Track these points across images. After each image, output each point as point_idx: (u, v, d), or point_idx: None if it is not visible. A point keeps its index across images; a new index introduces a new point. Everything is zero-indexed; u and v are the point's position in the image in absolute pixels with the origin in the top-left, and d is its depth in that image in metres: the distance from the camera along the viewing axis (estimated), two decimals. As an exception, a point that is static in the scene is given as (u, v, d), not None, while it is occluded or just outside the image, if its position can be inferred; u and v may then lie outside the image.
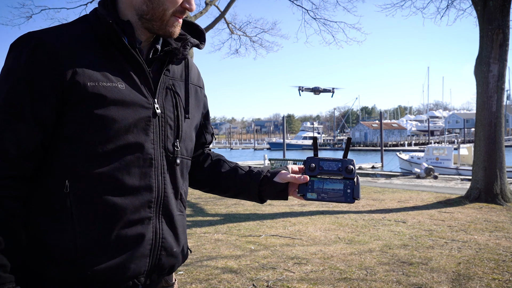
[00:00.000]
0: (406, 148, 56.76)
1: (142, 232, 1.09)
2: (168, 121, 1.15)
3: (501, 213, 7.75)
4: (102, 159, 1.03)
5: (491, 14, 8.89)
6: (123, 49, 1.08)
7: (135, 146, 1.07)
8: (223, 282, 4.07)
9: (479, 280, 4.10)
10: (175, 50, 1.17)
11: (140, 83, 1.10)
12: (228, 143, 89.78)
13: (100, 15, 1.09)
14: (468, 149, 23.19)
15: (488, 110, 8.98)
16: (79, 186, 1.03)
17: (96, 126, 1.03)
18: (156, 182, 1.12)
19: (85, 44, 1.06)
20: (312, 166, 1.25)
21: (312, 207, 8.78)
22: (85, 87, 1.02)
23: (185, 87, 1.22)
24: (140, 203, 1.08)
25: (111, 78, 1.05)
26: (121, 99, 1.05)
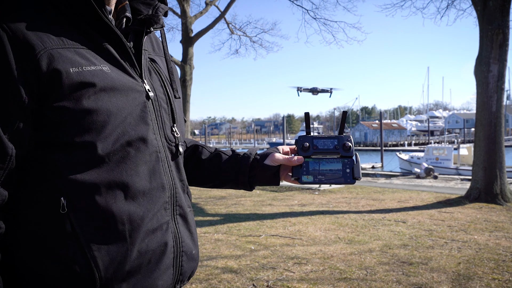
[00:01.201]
0: (406, 148, 56.73)
1: (164, 240, 0.92)
2: (161, 104, 0.96)
3: (501, 213, 7.75)
4: (102, 163, 0.83)
5: (491, 14, 8.89)
6: (96, 21, 0.85)
7: (137, 139, 0.87)
8: (223, 282, 4.07)
9: (479, 280, 4.10)
10: (153, 18, 0.96)
11: (123, 61, 0.90)
12: (228, 143, 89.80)
13: None
14: (468, 149, 23.19)
15: (488, 110, 8.98)
16: (79, 203, 0.81)
17: (89, 122, 0.81)
18: (166, 178, 0.94)
19: (53, 23, 0.83)
20: (305, 145, 1.11)
21: (312, 207, 8.79)
22: (67, 74, 0.79)
23: (166, 62, 1.04)
24: (156, 206, 0.91)
25: (92, 60, 0.83)
26: (111, 84, 0.84)
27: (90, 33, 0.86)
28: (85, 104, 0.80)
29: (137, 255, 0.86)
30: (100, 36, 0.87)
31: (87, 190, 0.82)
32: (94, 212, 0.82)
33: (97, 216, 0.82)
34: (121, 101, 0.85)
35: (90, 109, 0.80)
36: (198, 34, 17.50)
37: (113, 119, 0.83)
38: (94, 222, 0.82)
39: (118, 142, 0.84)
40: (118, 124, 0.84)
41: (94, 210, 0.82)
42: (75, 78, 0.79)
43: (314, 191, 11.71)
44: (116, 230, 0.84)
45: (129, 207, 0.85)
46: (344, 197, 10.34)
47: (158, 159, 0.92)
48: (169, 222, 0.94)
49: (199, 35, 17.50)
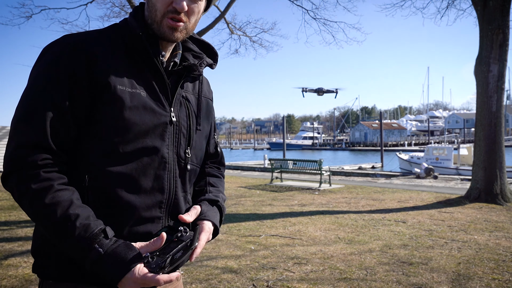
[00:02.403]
0: (406, 148, 56.73)
1: (152, 230, 1.14)
2: (182, 129, 1.22)
3: (501, 213, 7.75)
4: (120, 159, 1.09)
5: (491, 14, 8.89)
6: (148, 60, 1.16)
7: (152, 149, 1.14)
8: (223, 282, 4.07)
9: (479, 280, 4.10)
10: (193, 66, 1.26)
11: (159, 92, 1.17)
12: (228, 143, 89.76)
13: (130, 26, 1.17)
14: (468, 149, 23.18)
15: (488, 110, 8.98)
16: (97, 183, 1.08)
17: (119, 126, 1.09)
18: (168, 184, 1.17)
19: (116, 51, 1.14)
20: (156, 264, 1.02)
21: (312, 207, 8.79)
22: (115, 89, 1.09)
23: (197, 101, 1.30)
24: (152, 203, 1.14)
25: (135, 85, 1.13)
26: (143, 105, 1.12)
27: (142, 67, 1.16)
28: (119, 113, 1.09)
29: (127, 234, 1.09)
30: (148, 71, 1.17)
31: (103, 175, 1.08)
32: (104, 193, 1.09)
33: (106, 196, 1.09)
34: (147, 118, 1.12)
35: (122, 117, 1.09)
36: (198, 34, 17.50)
37: (137, 129, 1.10)
38: (102, 200, 1.08)
39: (136, 146, 1.11)
40: (139, 133, 1.11)
41: (104, 191, 1.08)
42: (118, 93, 1.09)
43: (314, 191, 11.71)
44: (116, 211, 1.09)
45: (130, 197, 1.10)
46: (344, 197, 10.34)
47: (165, 168, 1.17)
48: (161, 218, 1.16)
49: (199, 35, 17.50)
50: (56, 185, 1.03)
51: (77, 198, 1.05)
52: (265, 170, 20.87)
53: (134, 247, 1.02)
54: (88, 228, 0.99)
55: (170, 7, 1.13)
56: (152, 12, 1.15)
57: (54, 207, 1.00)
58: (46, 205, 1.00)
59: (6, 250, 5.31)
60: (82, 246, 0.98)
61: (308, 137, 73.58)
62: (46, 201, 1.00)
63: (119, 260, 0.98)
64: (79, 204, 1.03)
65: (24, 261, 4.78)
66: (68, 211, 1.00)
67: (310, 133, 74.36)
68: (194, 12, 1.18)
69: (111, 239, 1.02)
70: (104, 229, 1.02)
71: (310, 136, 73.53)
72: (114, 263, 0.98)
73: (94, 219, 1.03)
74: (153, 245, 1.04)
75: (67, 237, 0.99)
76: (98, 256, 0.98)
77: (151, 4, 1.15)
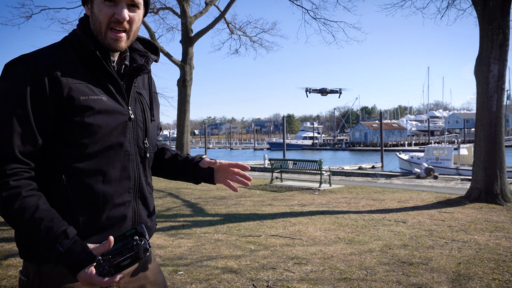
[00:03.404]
0: (406, 148, 56.74)
1: (125, 213, 1.35)
2: (138, 124, 1.40)
3: (501, 213, 7.75)
4: (91, 157, 1.27)
5: (491, 14, 8.89)
6: (102, 68, 1.31)
7: (117, 145, 1.32)
8: (223, 282, 4.06)
9: (479, 280, 4.09)
10: (142, 67, 1.41)
11: (116, 94, 1.34)
12: (228, 143, 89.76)
13: (81, 39, 1.30)
14: (468, 149, 23.18)
15: (488, 110, 8.98)
16: (73, 180, 1.26)
17: (87, 131, 1.25)
18: (133, 172, 1.38)
19: (73, 65, 1.28)
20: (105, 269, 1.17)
21: (312, 207, 8.78)
22: (78, 100, 1.24)
23: (149, 95, 1.49)
24: (122, 190, 1.34)
25: (96, 92, 1.28)
26: (105, 108, 1.28)
27: (98, 74, 1.32)
28: (86, 120, 1.25)
29: (105, 219, 1.30)
30: (103, 77, 1.32)
31: (78, 173, 1.26)
32: (81, 188, 1.27)
33: (83, 190, 1.27)
34: (110, 119, 1.29)
35: (88, 123, 1.25)
36: (198, 34, 17.47)
37: (102, 130, 1.28)
38: (80, 193, 1.27)
39: (103, 145, 1.29)
40: (105, 133, 1.28)
41: (81, 186, 1.27)
42: (82, 103, 1.24)
43: (314, 191, 11.71)
44: (93, 200, 1.28)
45: (104, 188, 1.29)
46: (344, 197, 10.33)
47: (129, 159, 1.36)
48: (131, 201, 1.37)
49: (199, 35, 17.47)
50: (24, 192, 1.18)
51: (43, 202, 1.20)
52: (265, 170, 20.87)
53: (88, 249, 1.18)
54: (51, 230, 1.16)
55: (113, 18, 1.27)
56: (96, 25, 1.29)
57: (22, 212, 1.16)
58: (15, 210, 1.16)
59: (6, 250, 5.31)
60: (46, 245, 1.16)
61: (308, 137, 73.55)
62: (15, 207, 1.16)
63: (74, 259, 1.15)
64: (44, 208, 1.19)
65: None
66: (34, 215, 1.16)
67: (310, 133, 74.34)
68: (134, 20, 1.32)
69: (71, 239, 1.17)
70: (65, 230, 1.18)
71: (310, 136, 73.50)
72: (71, 261, 1.15)
73: (58, 221, 1.18)
74: (103, 247, 1.18)
75: (34, 238, 1.17)
76: (59, 254, 1.15)
77: (94, 18, 1.29)
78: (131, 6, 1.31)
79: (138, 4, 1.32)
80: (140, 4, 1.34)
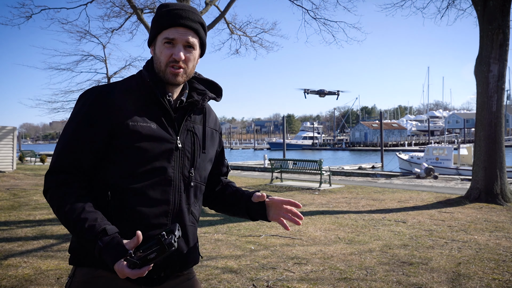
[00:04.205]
0: (406, 148, 56.71)
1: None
2: (186, 154, 1.51)
3: (501, 213, 7.75)
4: (135, 178, 1.40)
5: (491, 14, 8.89)
6: (156, 99, 1.47)
7: (160, 169, 1.44)
8: (223, 282, 4.06)
9: (479, 280, 4.09)
10: (195, 102, 1.54)
11: (167, 125, 1.48)
12: (228, 143, 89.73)
13: (143, 75, 1.49)
14: (468, 149, 23.17)
15: (488, 110, 8.98)
16: (117, 197, 1.40)
17: (134, 153, 1.40)
18: (173, 197, 1.46)
19: (132, 96, 1.46)
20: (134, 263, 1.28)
21: (312, 207, 8.78)
22: (127, 125, 1.41)
23: (203, 129, 1.60)
24: (159, 212, 1.43)
25: (147, 120, 1.44)
26: (152, 134, 1.43)
27: (152, 106, 1.48)
28: (133, 143, 1.40)
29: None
30: (157, 108, 1.48)
31: (121, 191, 1.40)
32: (122, 205, 1.40)
33: (123, 207, 1.40)
34: (156, 145, 1.43)
35: (135, 147, 1.40)
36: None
37: (147, 154, 1.42)
38: (121, 210, 1.40)
39: (147, 168, 1.42)
40: (150, 158, 1.42)
41: (122, 204, 1.40)
42: (131, 128, 1.41)
43: (314, 191, 11.71)
44: (131, 219, 1.40)
45: (142, 207, 1.41)
46: (344, 197, 10.33)
47: (171, 184, 1.46)
48: (167, 224, 1.44)
49: (199, 35, 17.44)
50: (73, 197, 1.36)
51: (89, 205, 1.36)
52: (265, 170, 20.87)
53: (122, 243, 1.29)
54: (93, 228, 1.30)
55: (171, 58, 1.45)
56: (157, 63, 1.47)
57: (71, 214, 1.33)
58: (65, 212, 1.34)
59: (6, 250, 5.31)
60: (90, 241, 1.30)
61: (308, 137, 73.55)
62: (66, 209, 1.34)
63: (111, 252, 1.27)
64: (89, 210, 1.35)
65: (24, 261, 4.77)
66: (80, 216, 1.32)
67: (310, 133, 74.34)
68: (190, 59, 1.48)
69: (110, 235, 1.29)
70: (105, 228, 1.30)
71: (310, 136, 73.50)
72: (108, 254, 1.28)
73: (100, 220, 1.32)
74: (132, 242, 1.28)
75: (80, 235, 1.32)
76: (100, 248, 1.28)
77: (156, 58, 1.48)
78: (187, 47, 1.48)
79: (194, 46, 1.49)
80: (196, 45, 1.51)
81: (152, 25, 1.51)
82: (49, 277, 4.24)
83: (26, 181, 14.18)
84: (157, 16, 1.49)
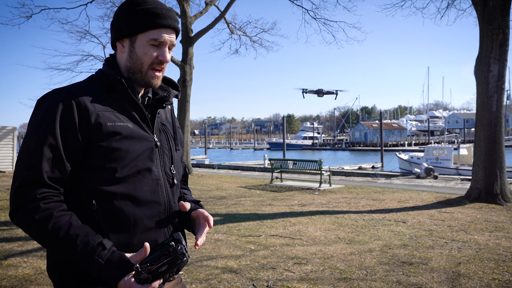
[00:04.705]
0: (406, 148, 56.71)
1: (156, 237, 1.37)
2: (164, 151, 1.45)
3: (501, 213, 7.75)
4: (121, 181, 1.31)
5: (491, 14, 8.89)
6: (128, 98, 1.39)
7: (145, 170, 1.36)
8: (223, 282, 4.06)
9: (479, 280, 4.09)
10: (164, 98, 1.49)
11: (142, 122, 1.41)
12: (228, 143, 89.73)
13: (108, 74, 1.40)
14: (468, 149, 23.16)
15: (488, 110, 8.98)
16: (104, 204, 1.29)
17: (115, 156, 1.30)
18: (162, 197, 1.40)
19: (99, 96, 1.36)
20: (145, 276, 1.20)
21: (312, 207, 8.78)
22: (105, 126, 1.31)
23: (173, 127, 1.56)
24: (152, 214, 1.36)
25: (122, 119, 1.36)
26: (131, 134, 1.35)
27: (123, 104, 1.39)
28: (113, 145, 1.30)
29: (137, 243, 1.31)
30: (129, 106, 1.40)
31: (108, 197, 1.29)
32: (112, 212, 1.29)
33: (114, 214, 1.29)
34: (137, 145, 1.35)
35: (116, 148, 1.31)
36: (198, 34, 17.46)
37: (130, 155, 1.33)
38: (111, 218, 1.29)
39: (131, 169, 1.33)
40: (133, 158, 1.33)
41: (112, 210, 1.29)
42: (109, 128, 1.31)
43: (314, 191, 11.71)
44: (125, 224, 1.30)
45: (134, 210, 1.32)
46: (344, 197, 10.33)
47: (158, 184, 1.39)
48: (162, 227, 1.38)
49: (199, 35, 17.47)
50: (55, 212, 1.22)
51: (75, 220, 1.24)
52: (265, 170, 20.87)
53: (125, 257, 1.20)
54: (87, 244, 1.19)
55: (156, 59, 1.40)
56: (137, 63, 1.40)
57: (57, 232, 1.20)
58: (49, 231, 1.20)
59: (6, 250, 5.31)
60: (85, 259, 1.19)
61: (308, 137, 73.54)
62: (49, 227, 1.20)
63: (113, 269, 1.18)
64: (77, 225, 1.23)
65: (24, 261, 4.78)
66: (69, 232, 1.20)
67: (310, 133, 74.32)
68: (169, 61, 1.44)
69: (109, 249, 1.20)
70: (101, 241, 1.21)
71: (310, 136, 73.49)
72: (110, 271, 1.18)
73: (92, 235, 1.22)
74: (139, 255, 1.21)
75: (72, 254, 1.20)
76: (99, 265, 1.18)
77: (135, 57, 1.39)
78: (170, 49, 1.44)
79: (173, 47, 1.46)
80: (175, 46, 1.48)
81: (128, 21, 1.39)
82: (49, 277, 4.24)
83: (26, 181, 14.19)
84: (136, 13, 1.38)
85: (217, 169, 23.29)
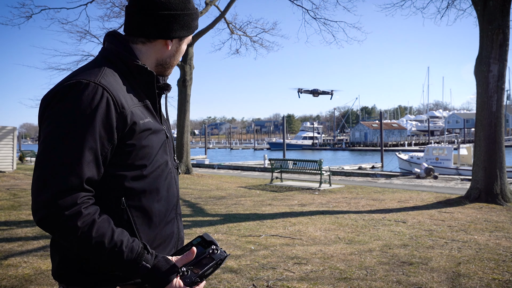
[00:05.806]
0: (406, 148, 56.71)
1: (172, 229, 1.41)
2: (171, 141, 1.47)
3: (501, 213, 7.75)
4: (147, 177, 1.30)
5: (491, 14, 8.89)
6: (149, 90, 1.37)
7: (164, 163, 1.37)
8: (223, 282, 4.06)
9: (479, 280, 4.10)
10: (168, 86, 1.46)
11: (155, 114, 1.39)
12: (228, 143, 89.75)
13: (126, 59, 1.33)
14: (468, 149, 23.16)
15: (488, 110, 8.98)
16: (133, 201, 1.28)
17: (145, 152, 1.29)
18: (176, 189, 1.43)
19: (124, 87, 1.30)
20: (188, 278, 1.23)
21: (312, 207, 8.78)
22: (139, 124, 1.27)
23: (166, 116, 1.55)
24: (170, 207, 1.39)
25: (146, 115, 1.33)
26: (153, 129, 1.33)
27: (141, 94, 1.35)
28: (143, 142, 1.29)
29: (160, 237, 1.35)
30: (145, 97, 1.36)
31: (136, 194, 1.29)
32: (140, 208, 1.29)
33: (142, 210, 1.30)
34: (157, 139, 1.35)
35: (146, 145, 1.29)
36: (198, 34, 17.47)
37: (154, 150, 1.32)
38: (140, 213, 1.30)
39: (155, 165, 1.33)
40: (155, 153, 1.33)
41: (140, 206, 1.29)
42: (141, 127, 1.28)
43: (314, 191, 11.71)
44: (152, 219, 1.32)
45: (158, 206, 1.34)
46: (344, 197, 10.33)
47: (172, 176, 1.41)
48: (175, 218, 1.42)
49: (199, 35, 17.47)
50: (97, 218, 1.17)
51: (113, 224, 1.21)
52: (265, 170, 20.87)
53: (171, 261, 1.22)
54: (133, 250, 1.18)
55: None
56: (176, 60, 1.43)
57: (102, 238, 1.15)
58: (94, 237, 1.15)
59: (6, 250, 5.31)
60: (132, 265, 1.17)
61: (308, 137, 73.55)
62: (93, 234, 1.15)
63: (162, 273, 1.18)
64: (117, 230, 1.20)
65: (24, 261, 4.77)
66: (114, 238, 1.17)
67: (310, 133, 74.33)
68: None
69: (152, 254, 1.21)
70: (145, 245, 1.21)
71: (310, 136, 73.49)
72: (159, 275, 1.18)
73: (132, 239, 1.20)
74: (186, 258, 1.22)
75: (118, 260, 1.17)
76: (147, 270, 1.18)
77: (178, 56, 1.42)
78: None
79: None
80: None
81: (188, 24, 1.38)
82: (49, 277, 4.24)
83: (26, 181, 14.17)
84: (189, 16, 1.38)
85: (217, 169, 23.30)
